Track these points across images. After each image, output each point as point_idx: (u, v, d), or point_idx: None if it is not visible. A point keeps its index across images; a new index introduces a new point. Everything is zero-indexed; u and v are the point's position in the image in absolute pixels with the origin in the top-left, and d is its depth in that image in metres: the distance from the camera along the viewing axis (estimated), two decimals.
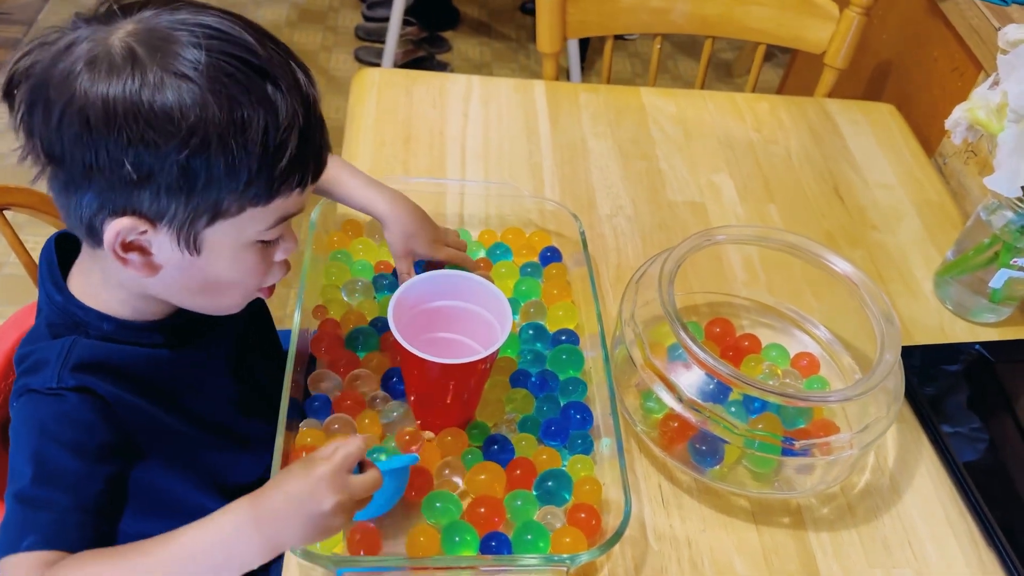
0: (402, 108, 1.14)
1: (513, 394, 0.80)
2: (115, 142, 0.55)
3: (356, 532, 0.69)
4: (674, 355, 0.82)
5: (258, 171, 0.58)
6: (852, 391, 0.73)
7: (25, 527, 0.57)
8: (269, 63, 0.58)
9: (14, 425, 0.62)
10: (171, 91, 0.55)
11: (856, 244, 1.06)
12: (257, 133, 0.57)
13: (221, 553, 0.56)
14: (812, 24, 1.30)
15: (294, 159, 0.59)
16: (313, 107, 0.61)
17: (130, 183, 0.57)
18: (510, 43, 2.76)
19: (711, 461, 0.77)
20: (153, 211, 0.59)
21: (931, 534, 0.78)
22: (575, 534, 0.69)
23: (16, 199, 0.92)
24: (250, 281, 0.66)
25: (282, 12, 2.70)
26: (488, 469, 0.73)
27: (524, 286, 0.90)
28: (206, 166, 0.57)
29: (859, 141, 1.22)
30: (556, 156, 1.11)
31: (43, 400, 0.62)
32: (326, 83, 2.44)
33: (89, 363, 0.64)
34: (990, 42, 1.22)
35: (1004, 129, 0.87)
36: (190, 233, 0.60)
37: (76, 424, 0.62)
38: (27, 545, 0.56)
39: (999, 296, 0.95)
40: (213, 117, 0.55)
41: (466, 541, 0.68)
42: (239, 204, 0.60)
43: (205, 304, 0.68)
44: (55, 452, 0.60)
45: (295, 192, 0.62)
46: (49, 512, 0.58)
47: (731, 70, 2.77)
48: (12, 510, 0.58)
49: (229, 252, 0.63)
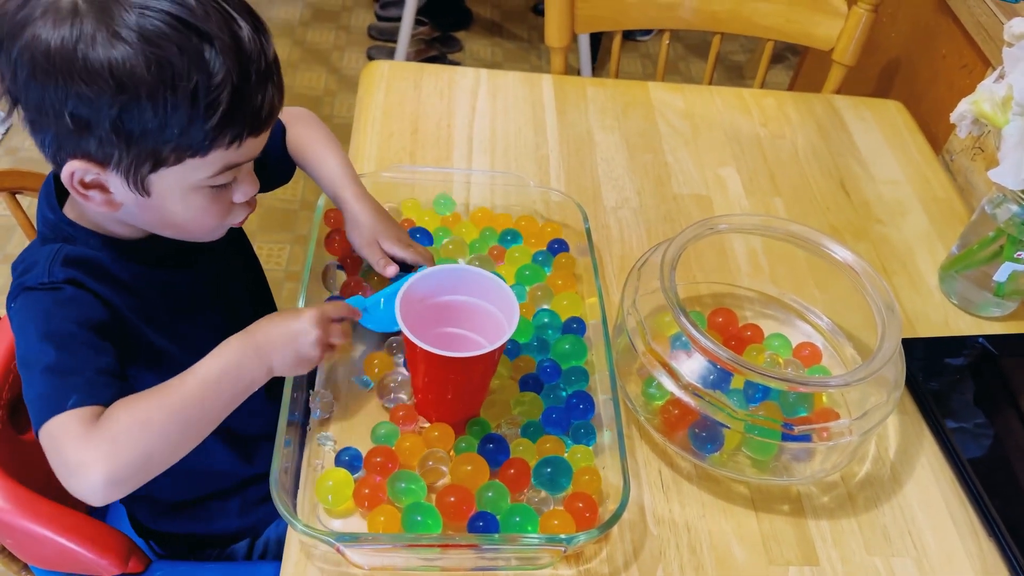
0: (410, 100, 1.15)
1: (522, 397, 0.79)
2: (55, 89, 0.59)
3: (364, 486, 0.70)
4: (676, 344, 0.83)
5: (188, 126, 0.61)
6: (851, 376, 0.73)
7: (63, 391, 0.61)
8: (205, 22, 0.60)
9: (17, 323, 0.66)
10: (101, 47, 0.58)
11: (861, 238, 1.06)
12: (187, 90, 0.60)
13: (234, 375, 0.65)
14: (821, 20, 1.31)
15: (226, 115, 0.62)
16: (255, 65, 0.63)
17: (74, 130, 0.61)
18: (522, 43, 2.77)
19: (711, 447, 0.77)
20: (100, 156, 0.63)
21: (931, 524, 0.78)
22: (564, 517, 0.69)
23: (29, 183, 0.93)
24: (207, 220, 0.70)
25: (295, 12, 2.72)
26: (474, 461, 0.73)
27: (528, 271, 0.91)
28: (138, 119, 0.60)
29: (866, 137, 1.22)
30: (563, 148, 1.12)
31: (39, 294, 0.66)
32: (338, 81, 2.45)
33: (77, 259, 0.68)
34: (998, 39, 1.22)
35: (1009, 122, 0.87)
36: (136, 177, 0.64)
37: (76, 305, 0.66)
38: (72, 404, 0.60)
39: (1004, 290, 0.95)
40: (141, 74, 0.59)
41: (427, 524, 0.68)
42: (176, 155, 0.63)
43: (175, 235, 0.72)
44: (67, 327, 0.64)
45: (232, 146, 0.64)
46: (81, 376, 0.62)
47: (743, 72, 2.77)
48: (45, 383, 0.62)
49: (178, 195, 0.66)
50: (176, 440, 0.63)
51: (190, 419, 0.63)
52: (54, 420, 0.60)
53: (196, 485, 0.87)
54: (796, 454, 0.77)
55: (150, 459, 0.61)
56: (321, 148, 0.87)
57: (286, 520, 0.65)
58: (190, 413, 0.63)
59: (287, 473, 0.70)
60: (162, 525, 0.89)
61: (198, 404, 0.63)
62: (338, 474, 0.71)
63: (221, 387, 0.64)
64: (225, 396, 0.65)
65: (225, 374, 0.65)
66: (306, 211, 2.03)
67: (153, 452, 0.61)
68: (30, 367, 0.63)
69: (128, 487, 0.61)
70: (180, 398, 0.63)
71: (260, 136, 0.67)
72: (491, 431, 0.76)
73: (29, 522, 0.74)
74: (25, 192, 0.94)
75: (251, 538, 0.91)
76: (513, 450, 0.75)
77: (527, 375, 0.81)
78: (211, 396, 0.64)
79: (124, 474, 0.60)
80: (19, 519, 0.74)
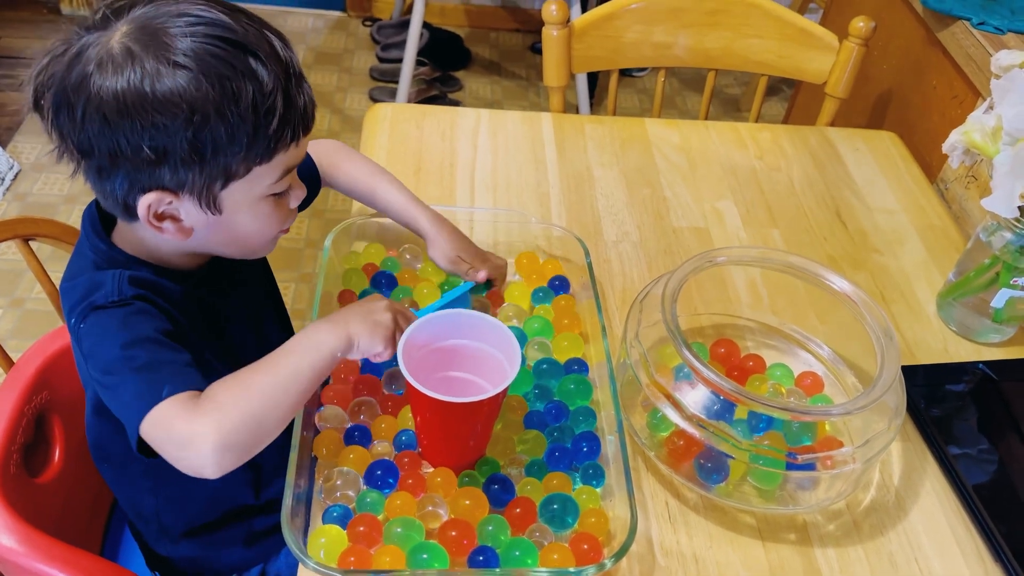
0: (413, 140, 1.18)
1: (525, 435, 0.79)
2: (131, 129, 0.64)
3: (357, 523, 0.70)
4: (679, 376, 0.84)
5: (255, 134, 0.67)
6: (853, 404, 0.74)
7: (157, 383, 0.64)
8: (246, 38, 0.66)
9: (94, 338, 0.68)
10: (168, 78, 0.63)
11: (859, 268, 1.08)
12: (248, 101, 0.65)
13: (314, 343, 0.68)
14: (813, 56, 1.34)
15: (283, 117, 0.68)
16: (292, 69, 0.69)
17: (150, 163, 0.66)
18: (520, 81, 2.82)
19: (717, 478, 0.78)
20: (174, 183, 0.67)
21: (937, 551, 0.79)
22: (564, 551, 0.70)
23: (42, 230, 0.95)
24: (269, 228, 0.75)
25: (298, 55, 2.77)
26: (473, 495, 0.73)
27: (534, 313, 0.92)
28: (211, 137, 0.65)
29: (861, 168, 1.24)
30: (563, 185, 1.14)
31: (111, 311, 0.69)
32: (341, 122, 2.49)
33: (141, 281, 0.72)
34: (987, 70, 1.24)
35: (1000, 152, 0.89)
36: (209, 197, 0.69)
37: (148, 316, 0.70)
38: (167, 392, 0.63)
39: (1002, 316, 0.96)
40: (207, 94, 0.64)
41: (432, 562, 0.68)
42: (245, 165, 0.69)
43: (238, 251, 0.77)
44: (147, 333, 0.68)
45: (291, 146, 0.70)
46: (171, 367, 0.66)
47: (739, 105, 2.81)
48: (137, 380, 0.65)
49: (247, 207, 0.72)
50: (278, 400, 0.65)
51: (286, 383, 0.65)
52: (154, 411, 0.63)
53: (204, 511, 0.88)
54: (801, 483, 0.78)
55: (257, 421, 0.63)
56: (376, 180, 0.94)
57: (296, 556, 0.66)
58: (283, 376, 0.66)
59: (299, 507, 0.71)
60: (170, 550, 0.90)
61: (290, 370, 0.66)
62: (330, 531, 0.70)
63: (305, 355, 0.67)
64: (309, 360, 0.67)
65: (305, 344, 0.68)
66: (311, 249, 2.05)
67: (258, 413, 0.63)
68: (118, 373, 0.66)
69: (241, 452, 0.63)
70: (270, 366, 0.66)
71: (308, 135, 0.73)
72: (498, 471, 0.76)
73: (42, 564, 0.75)
74: (38, 238, 0.96)
75: (261, 568, 0.92)
76: (520, 489, 0.75)
77: (532, 412, 0.82)
78: (296, 364, 0.67)
79: (234, 439, 0.62)
80: (32, 562, 0.75)
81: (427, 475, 0.75)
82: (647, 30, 1.33)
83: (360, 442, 0.78)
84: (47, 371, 0.88)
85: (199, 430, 0.61)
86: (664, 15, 1.33)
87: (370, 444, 0.78)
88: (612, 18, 1.32)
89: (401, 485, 0.74)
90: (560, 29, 1.28)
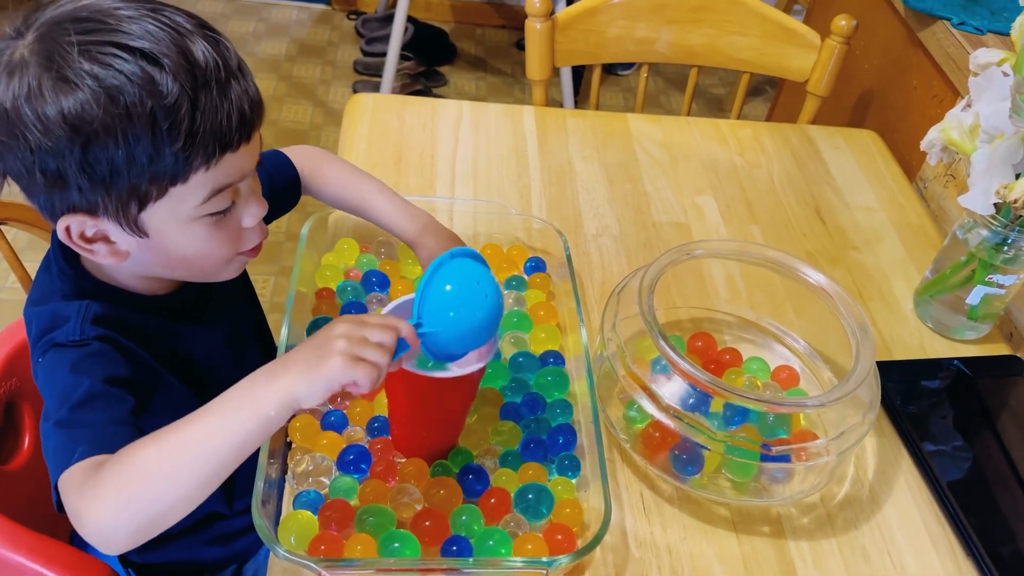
0: (394, 131, 1.17)
1: (500, 426, 0.79)
2: (20, 149, 0.59)
3: (328, 509, 0.69)
4: (656, 368, 0.84)
5: (155, 154, 0.59)
6: (827, 397, 0.74)
7: (71, 444, 0.59)
8: (153, 45, 0.58)
9: (43, 379, 0.65)
10: (49, 95, 0.57)
11: (837, 264, 1.08)
12: (143, 118, 0.58)
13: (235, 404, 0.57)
14: (795, 53, 1.34)
15: (191, 135, 0.59)
16: (215, 74, 0.60)
17: (52, 184, 0.60)
18: (505, 78, 2.81)
19: (692, 469, 0.78)
20: (85, 206, 0.61)
21: (910, 544, 0.79)
22: (538, 541, 0.69)
23: (13, 214, 0.94)
24: (218, 250, 0.68)
25: (282, 47, 2.75)
26: (447, 485, 0.72)
27: (510, 298, 0.92)
28: (104, 158, 0.58)
29: (841, 166, 1.25)
30: (544, 178, 1.14)
31: (69, 350, 0.64)
32: (324, 115, 2.48)
33: (106, 317, 0.67)
34: (967, 70, 1.25)
35: (977, 149, 0.89)
36: (127, 219, 0.62)
37: (102, 360, 0.64)
38: (78, 456, 0.58)
39: (977, 313, 0.97)
40: (93, 114, 0.57)
41: (403, 551, 0.67)
42: (157, 187, 0.61)
43: (189, 275, 0.70)
44: (86, 383, 0.62)
45: (214, 162, 0.61)
46: (89, 428, 0.60)
47: (723, 105, 2.82)
48: (55, 436, 0.61)
49: (176, 229, 0.64)
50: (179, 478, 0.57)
51: (197, 451, 0.56)
52: (64, 474, 0.59)
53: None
54: (775, 475, 0.78)
55: (148, 501, 0.56)
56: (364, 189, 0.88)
57: (267, 545, 0.65)
58: (193, 445, 0.57)
59: (270, 498, 0.70)
60: (144, 556, 0.89)
61: (205, 435, 0.57)
62: (301, 516, 0.69)
63: (224, 417, 0.57)
64: (230, 425, 0.57)
65: (229, 403, 0.58)
66: (291, 242, 2.04)
67: (147, 494, 0.56)
68: (48, 422, 0.62)
69: (135, 533, 0.57)
70: (185, 430, 0.57)
71: (240, 151, 0.63)
72: (471, 461, 0.76)
73: (10, 552, 0.74)
74: (9, 223, 0.95)
75: (236, 567, 0.91)
76: (495, 480, 0.74)
77: (508, 403, 0.81)
78: (214, 429, 0.57)
79: (116, 522, 0.56)
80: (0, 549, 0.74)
81: (400, 464, 0.75)
82: (630, 25, 1.33)
83: (336, 427, 0.77)
84: (16, 358, 0.86)
85: (80, 508, 0.56)
86: (648, 10, 1.33)
87: (343, 430, 0.77)
88: (596, 12, 1.32)
89: (372, 473, 0.74)
90: (543, 22, 1.28)
